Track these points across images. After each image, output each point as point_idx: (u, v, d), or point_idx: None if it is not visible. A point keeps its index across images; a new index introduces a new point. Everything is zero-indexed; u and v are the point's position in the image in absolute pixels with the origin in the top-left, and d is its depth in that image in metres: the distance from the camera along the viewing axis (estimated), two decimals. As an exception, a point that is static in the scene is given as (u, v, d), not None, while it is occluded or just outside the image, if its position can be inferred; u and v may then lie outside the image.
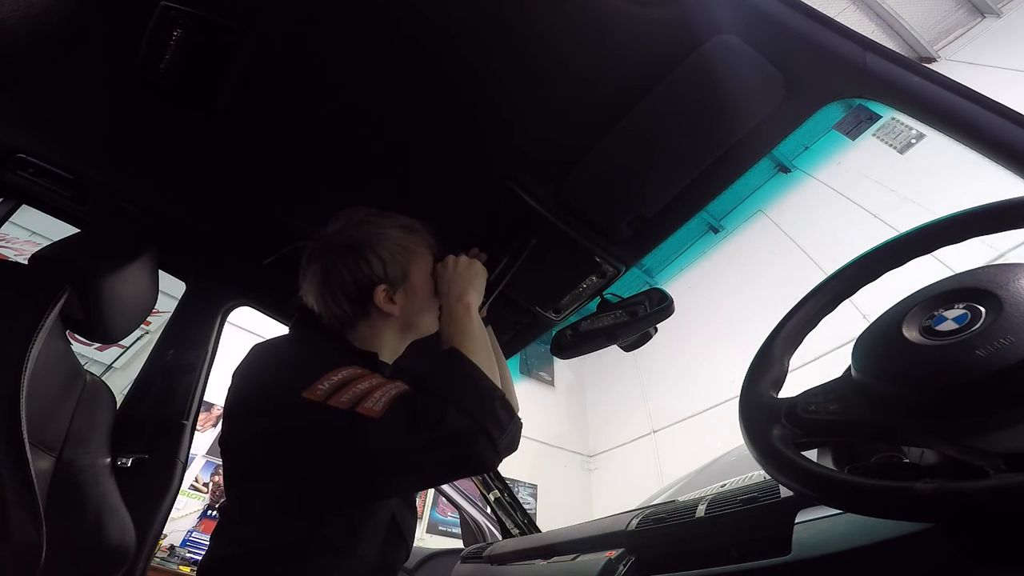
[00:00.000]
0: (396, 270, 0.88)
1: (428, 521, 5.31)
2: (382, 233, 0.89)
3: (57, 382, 0.96)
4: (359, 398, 0.68)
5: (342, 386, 0.69)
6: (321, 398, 0.68)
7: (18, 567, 0.74)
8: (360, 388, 0.69)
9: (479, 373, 0.76)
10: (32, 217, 1.71)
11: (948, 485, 0.36)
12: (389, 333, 0.91)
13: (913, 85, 0.66)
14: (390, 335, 0.92)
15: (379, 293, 0.86)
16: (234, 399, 0.81)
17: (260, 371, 0.81)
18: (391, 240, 0.89)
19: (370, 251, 0.87)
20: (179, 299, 1.39)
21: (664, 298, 1.05)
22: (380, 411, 0.67)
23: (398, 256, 0.89)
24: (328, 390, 0.69)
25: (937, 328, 0.45)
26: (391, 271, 0.87)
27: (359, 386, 0.70)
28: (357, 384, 0.70)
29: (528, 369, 7.25)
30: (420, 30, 0.86)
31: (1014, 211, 0.49)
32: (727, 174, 0.94)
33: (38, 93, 0.99)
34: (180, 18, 0.88)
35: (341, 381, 0.70)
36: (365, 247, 0.87)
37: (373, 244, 0.88)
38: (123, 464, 1.11)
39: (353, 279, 0.86)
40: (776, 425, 0.50)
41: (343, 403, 0.67)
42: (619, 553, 0.97)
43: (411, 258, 0.91)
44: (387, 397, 0.68)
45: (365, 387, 0.70)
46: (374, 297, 0.86)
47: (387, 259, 0.87)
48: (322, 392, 0.69)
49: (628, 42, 0.80)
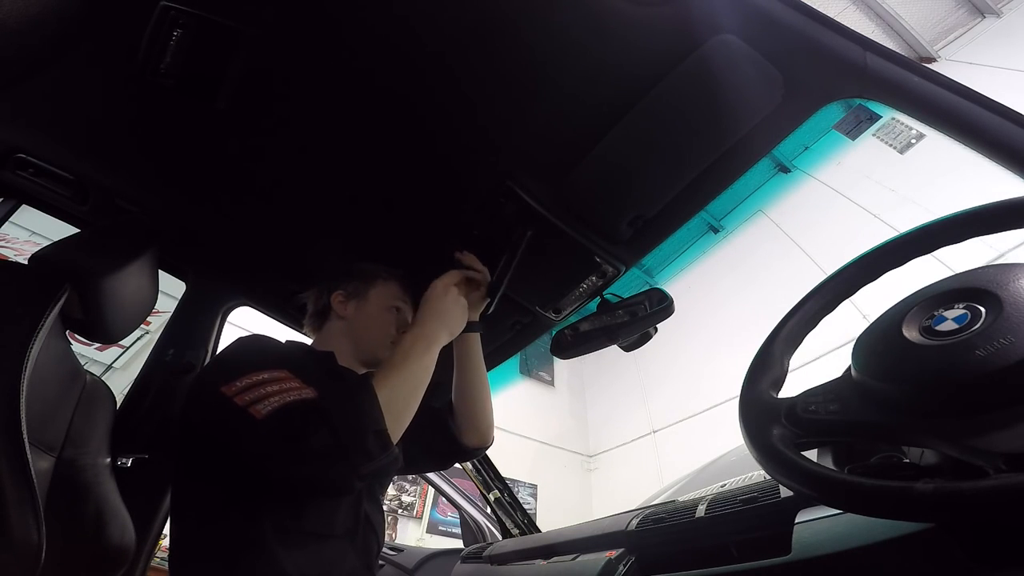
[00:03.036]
0: (356, 287, 1.10)
1: (428, 521, 5.32)
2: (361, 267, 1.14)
3: (57, 382, 0.96)
4: (259, 399, 0.72)
5: (256, 385, 0.74)
6: (231, 393, 0.73)
7: (18, 567, 0.74)
8: (268, 390, 0.73)
9: (374, 405, 0.76)
10: (32, 217, 1.71)
11: (948, 485, 0.36)
12: (340, 337, 1.07)
13: (913, 85, 0.66)
14: (341, 339, 1.07)
15: (336, 296, 1.09)
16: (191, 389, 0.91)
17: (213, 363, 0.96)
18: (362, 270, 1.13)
19: (344, 273, 1.13)
20: (179, 299, 1.39)
21: (664, 298, 1.05)
22: (265, 414, 0.70)
23: (361, 280, 1.11)
24: (241, 387, 0.74)
25: (937, 328, 0.45)
26: (351, 286, 1.10)
27: (269, 387, 0.74)
28: (270, 386, 0.74)
29: (528, 369, 7.25)
30: (421, 30, 0.86)
31: (1014, 211, 0.49)
32: (727, 174, 0.94)
33: (38, 93, 0.99)
34: (180, 18, 0.88)
35: (259, 381, 0.75)
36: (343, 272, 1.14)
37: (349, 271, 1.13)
38: (123, 464, 1.11)
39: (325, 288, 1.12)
40: (776, 425, 0.50)
41: (244, 400, 0.72)
42: (619, 553, 0.97)
43: (373, 284, 1.11)
44: (280, 403, 0.72)
45: (272, 390, 0.73)
46: (331, 299, 1.09)
47: (353, 278, 1.12)
48: (236, 388, 0.74)
49: (628, 42, 0.80)
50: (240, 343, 0.90)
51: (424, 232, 1.19)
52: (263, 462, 0.71)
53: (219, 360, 0.91)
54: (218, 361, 0.92)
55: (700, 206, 1.00)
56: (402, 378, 0.82)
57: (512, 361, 1.50)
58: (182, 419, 0.87)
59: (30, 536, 0.74)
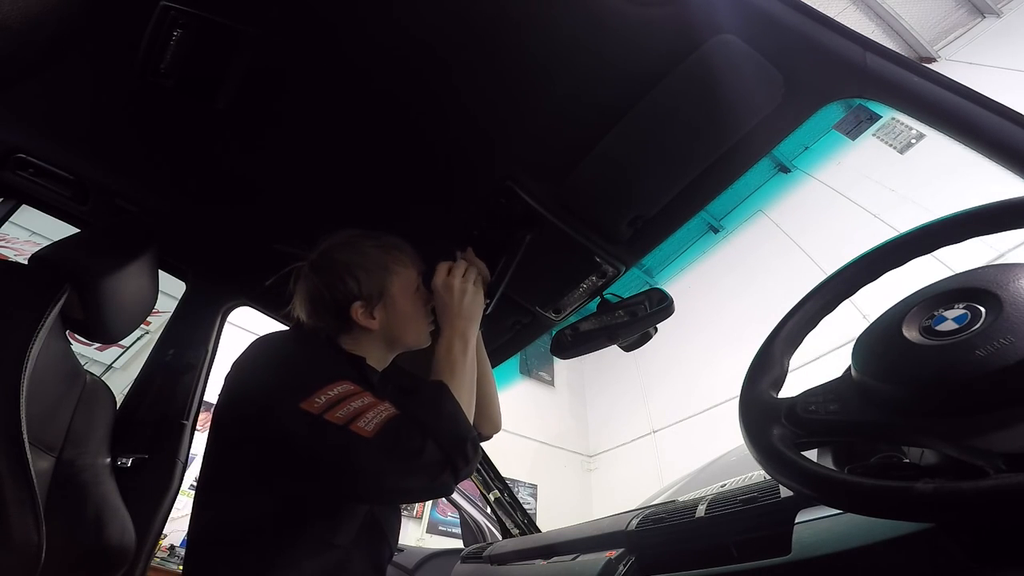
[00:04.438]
0: (372, 287, 0.93)
1: (428, 521, 5.32)
2: (359, 253, 0.94)
3: (57, 382, 0.96)
4: (353, 415, 0.73)
5: (338, 402, 0.75)
6: (318, 411, 0.73)
7: (18, 567, 0.74)
8: (354, 406, 0.75)
9: (460, 413, 0.84)
10: (32, 217, 1.71)
11: (948, 485, 0.36)
12: (373, 345, 0.96)
13: (913, 85, 0.66)
14: (374, 347, 0.97)
15: (356, 310, 0.91)
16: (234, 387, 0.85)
17: (263, 368, 0.85)
18: (367, 259, 0.94)
19: (346, 271, 0.92)
20: (179, 299, 1.39)
21: (664, 298, 1.05)
22: (372, 432, 0.72)
23: (374, 274, 0.94)
24: (325, 404, 0.74)
25: (937, 328, 0.45)
26: (366, 288, 0.92)
27: (353, 403, 0.75)
28: (351, 401, 0.75)
29: (528, 369, 7.25)
30: (420, 31, 0.86)
31: (1014, 211, 0.49)
32: (727, 174, 0.94)
33: (38, 93, 0.99)
34: (180, 18, 0.88)
35: (337, 397, 0.75)
36: (342, 267, 0.92)
37: (349, 264, 0.93)
38: (123, 464, 1.11)
39: (332, 298, 0.92)
40: (776, 425, 0.50)
41: (338, 418, 0.73)
42: (619, 553, 0.97)
43: (388, 275, 0.95)
44: (379, 419, 0.74)
45: (359, 405, 0.75)
46: (352, 313, 0.91)
47: (362, 278, 0.92)
48: (319, 405, 0.74)
49: (628, 42, 0.80)
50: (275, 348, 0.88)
51: (424, 232, 1.19)
52: (379, 479, 0.74)
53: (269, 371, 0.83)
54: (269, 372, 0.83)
55: (700, 206, 1.00)
56: (459, 382, 0.88)
57: (512, 361, 1.50)
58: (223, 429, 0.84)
59: (30, 536, 0.74)
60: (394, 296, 0.95)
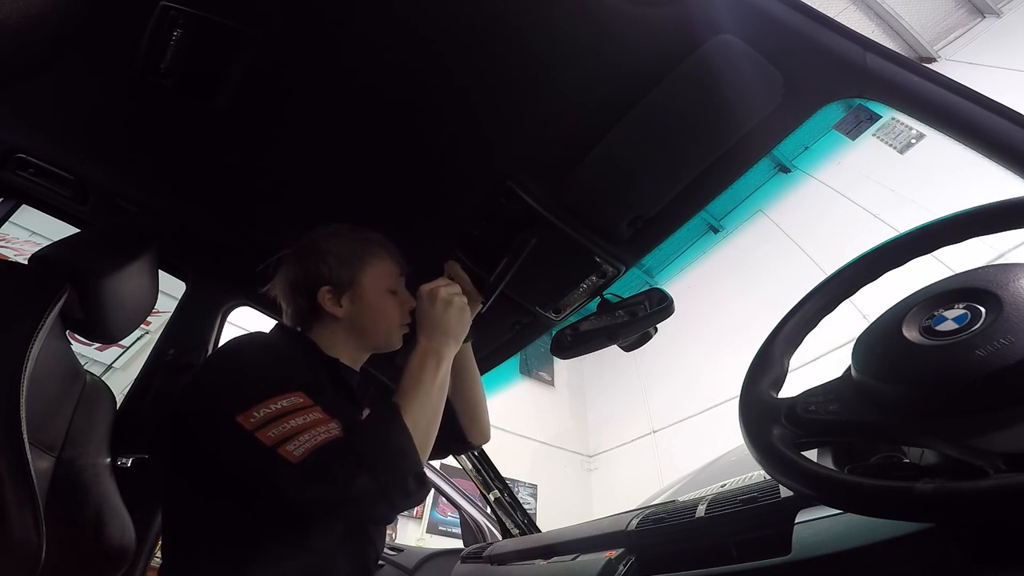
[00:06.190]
0: (342, 275, 0.94)
1: (428, 521, 5.32)
2: (338, 241, 0.96)
3: (57, 382, 0.96)
4: (285, 436, 0.69)
5: (277, 418, 0.71)
6: (252, 427, 0.70)
7: (18, 567, 0.74)
8: (291, 425, 0.70)
9: (407, 444, 0.76)
10: (32, 217, 1.71)
11: (948, 485, 0.36)
12: (341, 337, 0.96)
13: (913, 85, 0.66)
14: (342, 339, 0.96)
15: (324, 294, 0.93)
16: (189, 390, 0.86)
17: (214, 372, 0.85)
18: (343, 247, 0.96)
19: (320, 256, 0.95)
20: (179, 299, 1.39)
21: (664, 298, 1.05)
22: (299, 457, 0.68)
23: (347, 262, 0.95)
24: (261, 420, 0.70)
25: (937, 328, 0.45)
26: (336, 275, 0.94)
27: (292, 421, 0.71)
28: (291, 418, 0.71)
29: (528, 369, 7.26)
30: (420, 31, 0.86)
31: (1014, 211, 0.49)
32: (727, 174, 0.94)
33: (38, 93, 0.99)
34: (180, 18, 0.88)
35: (277, 412, 0.71)
36: (319, 253, 0.95)
37: (326, 251, 0.95)
38: (123, 464, 1.11)
39: (304, 279, 0.94)
40: (776, 425, 0.50)
41: (269, 438, 0.69)
42: (619, 553, 0.97)
43: (360, 265, 0.96)
44: (313, 443, 0.69)
45: (297, 424, 0.71)
46: (319, 298, 0.93)
47: (333, 264, 0.94)
48: (254, 421, 0.70)
49: (627, 42, 0.80)
50: (239, 350, 0.85)
51: (424, 233, 1.19)
52: (300, 505, 0.70)
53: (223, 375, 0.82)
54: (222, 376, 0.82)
55: (700, 206, 1.00)
56: (420, 404, 0.81)
57: (512, 361, 1.50)
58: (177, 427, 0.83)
59: (30, 536, 0.74)
60: (364, 287, 0.95)
